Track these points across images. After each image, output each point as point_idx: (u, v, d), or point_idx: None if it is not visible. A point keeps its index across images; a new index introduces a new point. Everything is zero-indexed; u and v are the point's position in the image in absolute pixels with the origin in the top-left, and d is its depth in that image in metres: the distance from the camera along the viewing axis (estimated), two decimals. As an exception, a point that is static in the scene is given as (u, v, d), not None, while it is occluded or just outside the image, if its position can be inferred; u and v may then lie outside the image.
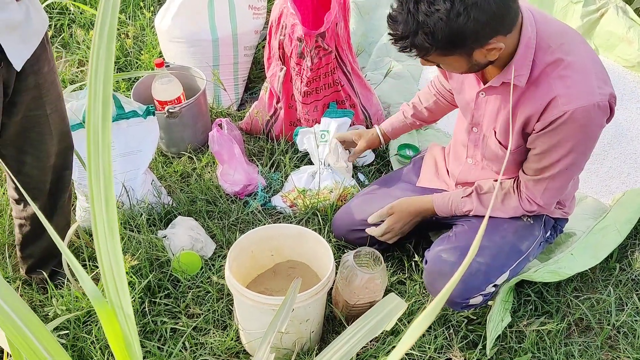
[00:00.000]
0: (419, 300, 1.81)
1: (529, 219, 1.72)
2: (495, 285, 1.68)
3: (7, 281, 1.89)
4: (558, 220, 1.79)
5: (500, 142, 1.61)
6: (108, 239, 0.69)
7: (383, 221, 1.83)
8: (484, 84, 1.56)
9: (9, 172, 1.61)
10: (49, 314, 1.73)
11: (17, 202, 1.72)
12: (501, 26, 1.34)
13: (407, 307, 1.77)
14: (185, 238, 1.92)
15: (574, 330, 1.81)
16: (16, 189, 1.69)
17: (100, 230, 0.70)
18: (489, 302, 1.82)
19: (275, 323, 1.22)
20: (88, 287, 0.69)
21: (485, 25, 1.30)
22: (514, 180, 1.67)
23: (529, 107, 1.47)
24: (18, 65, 1.39)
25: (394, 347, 1.67)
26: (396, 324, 1.72)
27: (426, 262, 1.72)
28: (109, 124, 0.70)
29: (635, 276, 1.93)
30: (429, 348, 1.69)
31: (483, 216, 1.69)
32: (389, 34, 1.39)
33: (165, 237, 1.93)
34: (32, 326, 0.75)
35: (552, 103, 1.42)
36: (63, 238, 1.72)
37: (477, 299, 1.67)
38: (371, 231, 1.83)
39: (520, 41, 1.41)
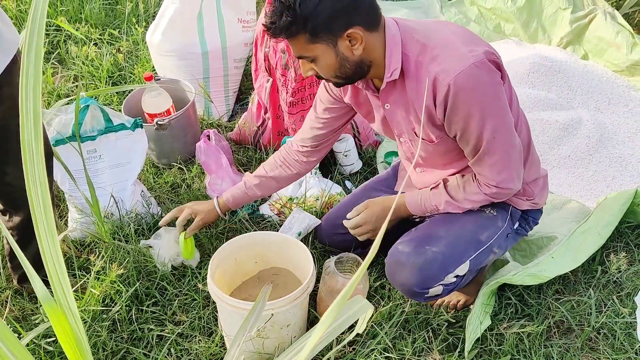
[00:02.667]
0: (400, 305, 1.84)
1: (492, 211, 1.74)
2: (457, 276, 1.68)
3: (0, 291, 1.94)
4: (528, 212, 1.79)
5: (424, 139, 1.64)
6: (50, 244, 0.73)
7: None
8: (375, 92, 1.62)
9: None
10: (39, 322, 1.78)
11: (3, 212, 1.77)
12: (356, 15, 1.42)
13: (387, 311, 1.79)
14: (172, 247, 1.96)
15: (554, 332, 1.83)
16: (0, 199, 1.74)
17: (43, 236, 0.74)
18: (470, 306, 1.85)
19: (244, 327, 1.25)
20: (39, 290, 0.73)
21: (338, 8, 1.40)
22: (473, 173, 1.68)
23: (421, 98, 1.52)
24: None
25: (372, 350, 1.70)
26: (374, 327, 1.74)
27: (387, 256, 1.75)
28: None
29: (616, 278, 1.95)
30: (407, 351, 1.71)
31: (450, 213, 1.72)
32: (264, 27, 1.47)
33: (149, 246, 1.98)
34: (6, 341, 0.78)
35: (435, 84, 1.46)
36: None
37: (437, 289, 1.68)
38: (346, 222, 1.84)
39: (387, 40, 1.48)
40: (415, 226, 1.80)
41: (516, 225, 1.78)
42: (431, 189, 1.74)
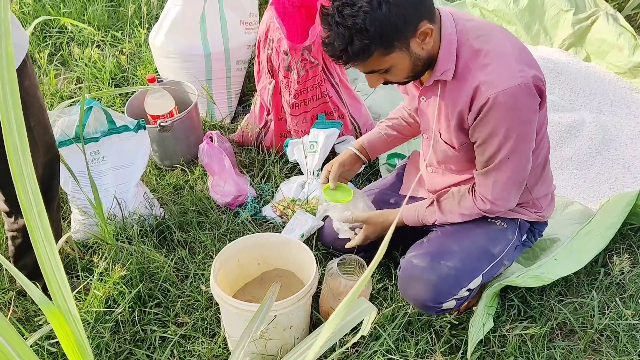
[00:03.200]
0: (403, 307, 1.84)
1: (502, 223, 1.74)
2: (469, 290, 1.69)
3: (3, 292, 1.95)
4: (535, 224, 1.80)
5: (446, 142, 1.64)
6: (46, 246, 0.73)
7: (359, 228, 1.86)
8: (417, 90, 1.61)
9: None
10: (42, 323, 1.78)
11: (8, 214, 1.78)
12: (423, 8, 1.39)
13: (390, 313, 1.79)
14: (338, 209, 1.88)
15: (557, 334, 1.83)
16: (6, 201, 1.74)
17: (39, 242, 0.74)
18: (473, 308, 1.85)
19: (250, 328, 1.25)
20: (35, 294, 0.73)
21: (407, 7, 1.35)
22: (470, 186, 1.69)
23: (459, 102, 1.51)
24: None
25: (375, 351, 1.70)
26: (376, 329, 1.74)
27: (400, 268, 1.75)
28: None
29: (619, 280, 1.95)
30: (410, 353, 1.71)
31: (455, 224, 1.72)
32: (330, 56, 1.42)
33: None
34: (11, 342, 0.78)
35: (476, 92, 1.45)
36: (54, 249, 1.76)
37: (450, 303, 1.69)
38: (349, 244, 1.86)
39: (442, 37, 1.46)
40: (422, 231, 1.80)
41: (524, 238, 1.79)
42: (427, 207, 1.75)
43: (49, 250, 0.73)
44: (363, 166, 2.03)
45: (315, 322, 1.86)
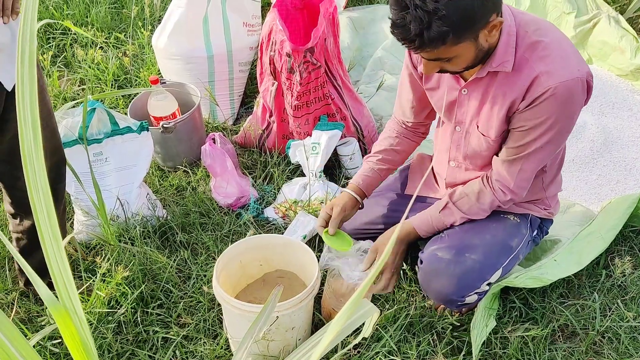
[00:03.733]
0: (404, 308, 1.84)
1: (515, 218, 1.76)
2: (489, 284, 1.71)
3: (6, 293, 1.95)
4: (543, 221, 1.82)
5: (483, 134, 1.63)
6: (54, 246, 0.74)
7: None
8: (465, 81, 1.59)
9: (4, 188, 1.68)
10: (44, 324, 1.79)
11: (14, 216, 1.79)
12: (498, 1, 1.39)
13: (391, 314, 1.80)
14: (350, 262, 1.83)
15: (558, 336, 1.83)
16: (12, 203, 1.75)
17: (47, 240, 0.75)
18: (474, 309, 1.85)
19: (253, 329, 1.26)
20: (43, 292, 0.74)
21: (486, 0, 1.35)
22: (483, 176, 1.69)
23: (513, 92, 1.51)
24: (9, 85, 1.46)
25: (377, 352, 1.71)
26: (378, 330, 1.75)
27: (421, 262, 1.75)
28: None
29: (621, 282, 1.95)
30: (412, 354, 1.71)
31: (471, 220, 1.73)
32: (401, 39, 1.38)
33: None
34: (14, 342, 0.79)
35: (535, 82, 1.46)
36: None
37: (472, 297, 1.70)
38: (373, 290, 1.79)
39: (502, 29, 1.46)
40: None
41: (535, 233, 1.81)
42: (440, 211, 1.73)
43: (56, 250, 0.74)
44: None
45: (317, 323, 1.87)
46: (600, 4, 3.14)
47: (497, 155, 1.64)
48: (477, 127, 1.63)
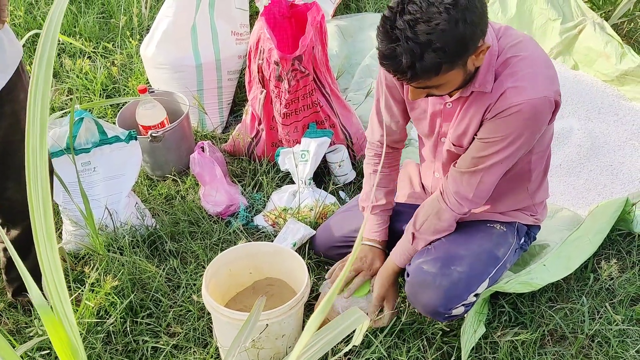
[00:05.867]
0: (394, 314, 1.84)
1: (501, 227, 1.77)
2: (476, 295, 1.72)
3: (-7, 304, 1.94)
4: (530, 227, 1.83)
5: (454, 144, 1.64)
6: (49, 252, 0.74)
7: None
8: (450, 97, 1.59)
9: None
10: (33, 335, 1.78)
11: (1, 225, 1.78)
12: (485, 25, 1.39)
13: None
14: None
15: (548, 340, 1.84)
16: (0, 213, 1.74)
17: (42, 244, 0.75)
18: (464, 315, 1.85)
19: (239, 338, 1.25)
20: (35, 297, 0.73)
21: (477, 25, 1.34)
22: (438, 194, 1.69)
23: (484, 105, 1.52)
24: None
25: (367, 359, 1.71)
26: (368, 336, 1.75)
27: (407, 274, 1.76)
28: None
29: (609, 286, 1.96)
30: (402, 360, 1.72)
31: (458, 231, 1.74)
32: (392, 71, 1.38)
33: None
34: (2, 352, 0.79)
35: (501, 96, 1.47)
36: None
37: (459, 309, 1.70)
38: (378, 324, 1.79)
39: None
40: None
41: (522, 241, 1.82)
42: (411, 244, 1.74)
43: (50, 255, 0.73)
44: None
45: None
46: (585, 10, 3.17)
47: (457, 162, 1.63)
48: (449, 137, 1.65)
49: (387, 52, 1.34)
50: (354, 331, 1.23)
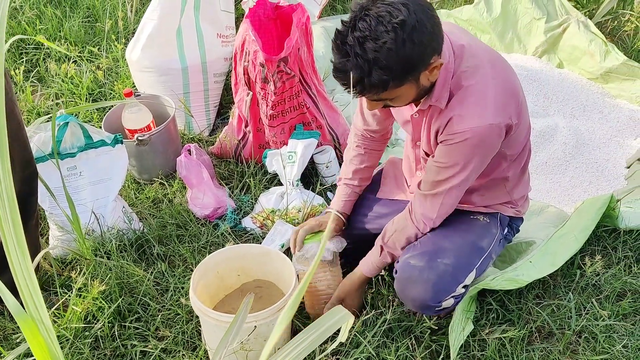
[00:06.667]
0: (382, 313, 1.85)
1: (485, 218, 1.79)
2: (465, 286, 1.73)
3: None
4: (513, 219, 1.85)
5: (425, 152, 1.70)
6: (20, 257, 0.73)
7: None
8: (417, 107, 1.63)
9: None
10: (20, 341, 1.77)
11: None
12: (437, 44, 1.41)
13: (370, 319, 1.80)
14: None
15: (535, 336, 1.85)
16: None
17: (11, 249, 0.74)
18: (452, 313, 1.86)
19: (225, 340, 1.25)
20: (10, 304, 0.73)
21: (427, 45, 1.37)
22: (408, 212, 1.74)
23: (438, 123, 1.56)
24: None
25: (356, 359, 1.71)
26: (357, 336, 1.75)
27: (396, 271, 1.77)
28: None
29: (595, 282, 1.98)
30: (391, 359, 1.72)
31: (442, 224, 1.75)
32: (343, 84, 1.42)
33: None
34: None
35: (449, 122, 1.51)
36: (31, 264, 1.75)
37: (449, 302, 1.72)
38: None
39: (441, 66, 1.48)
40: None
41: (505, 231, 1.83)
42: (379, 256, 1.78)
43: (22, 262, 0.73)
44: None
45: (296, 330, 1.86)
46: (569, 9, 3.20)
47: (421, 182, 1.69)
48: (421, 145, 1.70)
49: (338, 65, 1.40)
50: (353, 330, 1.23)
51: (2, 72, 0.83)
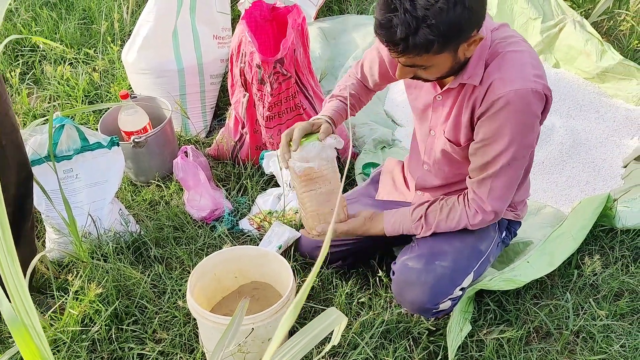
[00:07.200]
0: (381, 314, 1.84)
1: None
2: (462, 289, 1.73)
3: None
4: (511, 222, 1.85)
5: (449, 140, 1.64)
6: (9, 262, 0.73)
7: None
8: (441, 89, 1.60)
9: None
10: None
11: None
12: (481, 16, 1.38)
13: (367, 320, 1.80)
14: None
15: (533, 337, 1.85)
16: None
17: (1, 256, 0.74)
18: (450, 314, 1.86)
19: (222, 342, 1.25)
20: (4, 308, 0.72)
21: (476, 13, 1.34)
22: (461, 194, 1.69)
23: (474, 98, 1.52)
24: None
25: (353, 361, 1.71)
26: (354, 337, 1.75)
27: (393, 273, 1.77)
28: None
29: (593, 281, 1.98)
30: (389, 361, 1.72)
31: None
32: (385, 41, 1.36)
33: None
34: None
35: (489, 88, 1.47)
36: (28, 267, 1.74)
37: (446, 304, 1.72)
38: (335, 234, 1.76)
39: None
40: (399, 238, 1.80)
41: (503, 235, 1.83)
42: (415, 223, 1.71)
43: (11, 266, 0.72)
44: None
45: (293, 331, 1.86)
46: (565, 9, 3.20)
47: (469, 172, 1.64)
48: (444, 132, 1.65)
49: (383, 21, 1.34)
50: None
51: None
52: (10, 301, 1.01)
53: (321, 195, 1.70)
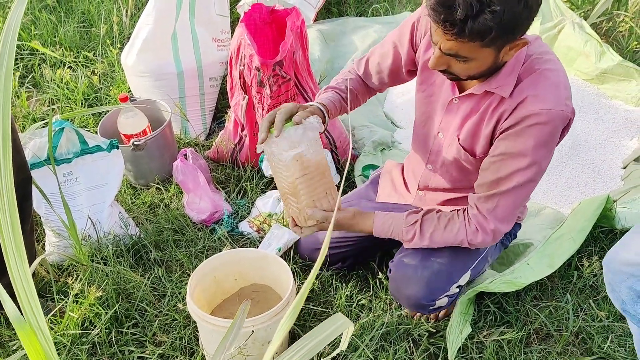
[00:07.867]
0: (381, 316, 1.84)
1: None
2: (459, 286, 1.73)
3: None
4: None
5: (464, 148, 1.61)
6: (18, 263, 0.73)
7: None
8: (460, 92, 1.57)
9: None
10: (16, 348, 1.76)
11: None
12: (532, 21, 1.34)
13: (367, 322, 1.80)
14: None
15: (533, 338, 1.85)
16: None
17: (10, 256, 0.74)
18: (450, 315, 1.86)
19: (222, 346, 1.25)
20: (10, 310, 0.72)
21: (533, 13, 1.31)
22: (459, 209, 1.65)
23: (500, 110, 1.49)
24: None
25: (354, 363, 1.71)
26: (354, 339, 1.75)
27: (390, 270, 1.77)
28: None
29: (592, 282, 1.98)
30: (389, 363, 1.72)
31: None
32: (441, 19, 1.29)
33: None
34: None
35: (521, 104, 1.43)
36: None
37: (442, 300, 1.72)
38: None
39: None
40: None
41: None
42: (406, 227, 1.67)
43: (20, 268, 0.73)
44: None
45: (294, 335, 1.86)
46: (564, 10, 3.21)
47: (475, 186, 1.60)
48: (459, 139, 1.61)
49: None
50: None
51: (11, 75, 0.82)
52: (17, 303, 1.01)
53: (312, 179, 1.62)
